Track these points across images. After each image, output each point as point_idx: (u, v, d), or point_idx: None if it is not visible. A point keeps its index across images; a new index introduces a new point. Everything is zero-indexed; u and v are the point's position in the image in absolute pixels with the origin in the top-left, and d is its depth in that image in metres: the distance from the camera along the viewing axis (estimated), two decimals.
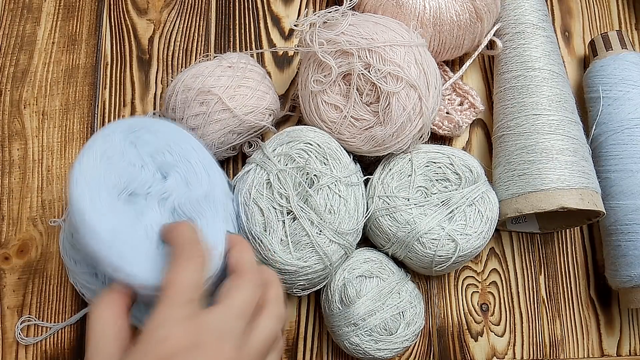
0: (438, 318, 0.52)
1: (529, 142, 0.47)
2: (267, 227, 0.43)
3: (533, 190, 0.46)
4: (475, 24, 0.49)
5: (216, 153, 0.48)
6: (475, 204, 0.46)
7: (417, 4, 0.47)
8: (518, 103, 0.49)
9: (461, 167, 0.47)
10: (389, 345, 0.44)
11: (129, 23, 0.57)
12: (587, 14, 0.59)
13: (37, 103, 0.55)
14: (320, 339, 0.51)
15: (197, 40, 0.56)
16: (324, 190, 0.43)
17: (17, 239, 0.52)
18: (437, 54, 0.51)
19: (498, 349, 0.52)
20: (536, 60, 0.49)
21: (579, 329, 0.53)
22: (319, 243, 0.42)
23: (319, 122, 0.46)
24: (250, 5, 0.57)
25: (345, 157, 0.45)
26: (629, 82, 0.50)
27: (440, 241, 0.44)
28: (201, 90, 0.46)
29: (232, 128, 0.46)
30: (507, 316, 0.52)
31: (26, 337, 0.50)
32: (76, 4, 0.57)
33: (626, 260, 0.48)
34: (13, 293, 0.51)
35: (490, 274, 0.53)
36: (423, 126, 0.45)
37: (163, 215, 0.37)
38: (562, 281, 0.53)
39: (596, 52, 0.53)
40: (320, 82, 0.45)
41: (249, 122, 0.47)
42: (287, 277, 0.43)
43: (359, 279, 0.45)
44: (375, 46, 0.43)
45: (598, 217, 0.48)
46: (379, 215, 0.46)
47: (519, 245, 0.54)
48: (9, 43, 0.56)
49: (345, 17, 0.45)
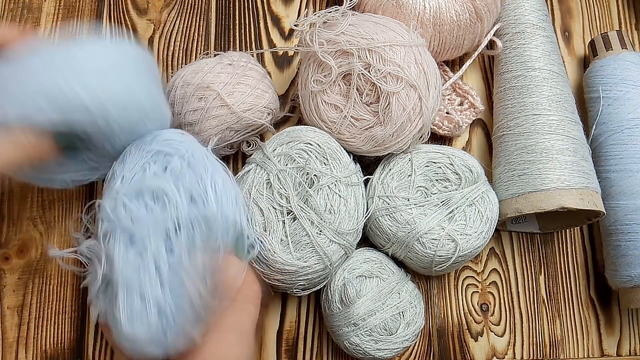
0: (438, 318, 0.52)
1: (529, 142, 0.47)
2: (267, 227, 0.43)
3: (533, 190, 0.46)
4: (475, 24, 0.49)
5: (213, 149, 0.48)
6: (475, 204, 0.46)
7: (417, 4, 0.47)
8: (518, 103, 0.49)
9: (461, 167, 0.47)
10: (389, 345, 0.44)
11: (129, 23, 0.57)
12: (587, 14, 0.59)
13: None
14: (320, 339, 0.51)
15: (197, 40, 0.56)
16: (324, 190, 0.43)
17: (17, 239, 0.52)
18: (437, 54, 0.51)
19: (498, 349, 0.52)
20: (536, 60, 0.49)
21: (579, 329, 0.53)
22: (319, 243, 0.42)
23: (319, 122, 0.46)
24: (250, 5, 0.57)
25: (345, 157, 0.45)
26: (629, 82, 0.50)
27: (440, 241, 0.44)
28: (200, 85, 0.46)
29: (230, 125, 0.46)
30: (507, 316, 0.52)
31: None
32: (76, 4, 0.57)
33: (626, 260, 0.48)
34: (13, 293, 0.51)
35: (490, 274, 0.53)
36: (423, 126, 0.45)
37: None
38: (562, 281, 0.53)
39: (596, 52, 0.53)
40: (320, 82, 0.45)
41: (247, 120, 0.46)
42: (287, 277, 0.43)
43: (359, 279, 0.45)
44: (375, 46, 0.43)
45: (598, 217, 0.48)
46: (379, 215, 0.46)
47: (519, 245, 0.54)
48: None
49: (345, 17, 0.45)
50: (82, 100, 0.35)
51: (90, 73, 0.36)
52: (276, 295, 0.51)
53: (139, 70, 0.39)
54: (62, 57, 0.36)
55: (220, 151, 0.49)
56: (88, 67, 0.36)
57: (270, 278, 0.44)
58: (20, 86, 0.35)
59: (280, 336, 0.51)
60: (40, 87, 0.35)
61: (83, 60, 0.37)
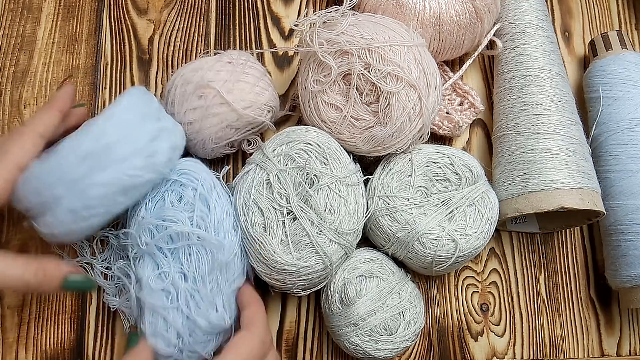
0: (438, 318, 0.52)
1: (529, 142, 0.47)
2: (267, 227, 0.43)
3: (533, 190, 0.46)
4: (475, 24, 0.49)
5: (214, 149, 0.48)
6: (475, 204, 0.46)
7: (417, 4, 0.47)
8: (518, 103, 0.49)
9: (461, 167, 0.47)
10: (389, 345, 0.44)
11: (129, 23, 0.57)
12: (587, 14, 0.59)
13: (37, 103, 0.55)
14: (320, 339, 0.51)
15: (197, 40, 0.56)
16: (324, 190, 0.43)
17: (17, 239, 0.52)
18: (437, 54, 0.51)
19: (498, 349, 0.52)
20: (536, 60, 0.49)
21: (579, 329, 0.53)
22: (319, 243, 0.42)
23: (318, 122, 0.46)
24: (250, 5, 0.57)
25: (345, 157, 0.45)
26: (629, 82, 0.50)
27: (440, 241, 0.44)
28: (200, 84, 0.46)
29: (230, 122, 0.46)
30: (507, 316, 0.52)
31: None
32: (76, 4, 0.57)
33: (626, 260, 0.48)
34: (13, 293, 0.51)
35: (490, 274, 0.53)
36: (423, 126, 0.45)
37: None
38: (562, 281, 0.53)
39: (596, 52, 0.53)
40: (320, 82, 0.45)
41: (247, 117, 0.46)
42: (287, 277, 0.43)
43: (359, 279, 0.45)
44: (375, 46, 0.43)
45: (598, 217, 0.48)
46: (379, 215, 0.46)
47: (519, 245, 0.54)
48: (9, 43, 0.56)
49: (345, 17, 0.45)
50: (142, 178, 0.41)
51: (136, 152, 0.40)
52: (276, 295, 0.51)
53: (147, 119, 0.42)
54: (102, 148, 0.39)
55: (221, 150, 0.49)
56: (128, 149, 0.40)
57: (270, 278, 0.44)
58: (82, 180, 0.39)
59: (280, 336, 0.51)
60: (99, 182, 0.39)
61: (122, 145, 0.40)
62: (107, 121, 0.39)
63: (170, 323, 0.40)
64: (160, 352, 0.40)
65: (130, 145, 0.39)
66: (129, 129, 0.39)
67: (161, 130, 0.42)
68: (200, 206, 0.42)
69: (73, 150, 0.38)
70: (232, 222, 0.43)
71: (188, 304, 0.41)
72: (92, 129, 0.39)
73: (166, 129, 0.42)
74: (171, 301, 0.41)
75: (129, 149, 0.39)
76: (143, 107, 0.41)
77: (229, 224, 0.43)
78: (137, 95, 0.42)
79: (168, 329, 0.40)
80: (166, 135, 0.42)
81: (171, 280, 0.41)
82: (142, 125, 0.40)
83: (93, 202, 0.39)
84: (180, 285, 0.41)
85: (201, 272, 0.41)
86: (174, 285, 0.41)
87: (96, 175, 0.38)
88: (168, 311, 0.40)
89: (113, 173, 0.39)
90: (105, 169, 0.38)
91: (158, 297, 0.41)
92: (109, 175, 0.39)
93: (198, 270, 0.41)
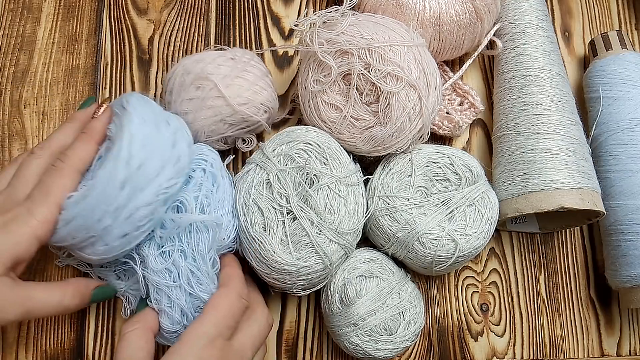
0: (438, 318, 0.52)
1: (529, 142, 0.47)
2: (267, 227, 0.43)
3: (533, 190, 0.46)
4: (475, 24, 0.49)
5: (206, 142, 0.48)
6: (475, 204, 0.46)
7: (417, 4, 0.47)
8: (518, 103, 0.49)
9: (461, 167, 0.47)
10: (389, 345, 0.44)
11: (129, 23, 0.57)
12: (587, 14, 0.59)
13: (37, 103, 0.55)
14: (320, 339, 0.51)
15: (197, 40, 0.56)
16: (323, 190, 0.43)
17: None
18: (437, 54, 0.51)
19: (498, 349, 0.52)
20: (536, 60, 0.49)
21: (579, 329, 0.53)
22: (319, 243, 0.42)
23: (318, 122, 0.46)
24: (250, 5, 0.57)
25: (345, 157, 0.45)
26: (629, 82, 0.50)
27: (440, 241, 0.44)
28: (199, 75, 0.46)
29: (224, 117, 0.46)
30: (507, 316, 0.52)
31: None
32: (76, 4, 0.57)
33: (626, 260, 0.48)
34: None
35: (490, 274, 0.53)
36: (423, 126, 0.45)
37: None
38: (562, 281, 0.53)
39: (596, 52, 0.53)
40: (320, 82, 0.45)
41: (242, 114, 0.46)
42: (287, 277, 0.43)
43: (359, 279, 0.45)
44: (375, 46, 0.43)
45: (598, 217, 0.48)
46: (379, 215, 0.46)
47: (519, 245, 0.54)
48: (9, 43, 0.56)
49: (345, 17, 0.45)
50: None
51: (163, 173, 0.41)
52: (276, 295, 0.51)
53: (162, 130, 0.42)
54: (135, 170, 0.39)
55: (214, 144, 0.48)
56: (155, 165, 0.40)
57: (270, 278, 0.44)
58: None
59: (280, 336, 0.51)
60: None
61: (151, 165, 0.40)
62: (132, 144, 0.39)
63: (173, 300, 0.41)
64: (165, 328, 0.42)
65: (158, 159, 0.40)
66: (152, 144, 0.40)
67: (175, 132, 0.42)
68: (208, 185, 0.43)
69: (110, 182, 0.38)
70: (232, 206, 0.45)
71: (190, 281, 0.42)
72: (120, 155, 0.38)
73: (178, 129, 0.43)
74: (173, 280, 0.42)
75: (158, 163, 0.40)
76: (152, 115, 0.41)
77: (229, 204, 0.44)
78: (141, 105, 0.42)
79: (172, 306, 0.42)
80: (180, 135, 0.42)
81: (172, 260, 0.42)
82: (159, 135, 0.41)
83: (141, 223, 0.40)
84: (181, 263, 0.41)
85: (200, 249, 0.42)
86: (174, 264, 0.42)
87: (138, 199, 0.39)
88: (171, 289, 0.42)
89: (152, 190, 0.39)
90: (144, 190, 0.39)
91: (162, 275, 0.42)
92: (148, 194, 0.39)
93: (197, 247, 0.42)
